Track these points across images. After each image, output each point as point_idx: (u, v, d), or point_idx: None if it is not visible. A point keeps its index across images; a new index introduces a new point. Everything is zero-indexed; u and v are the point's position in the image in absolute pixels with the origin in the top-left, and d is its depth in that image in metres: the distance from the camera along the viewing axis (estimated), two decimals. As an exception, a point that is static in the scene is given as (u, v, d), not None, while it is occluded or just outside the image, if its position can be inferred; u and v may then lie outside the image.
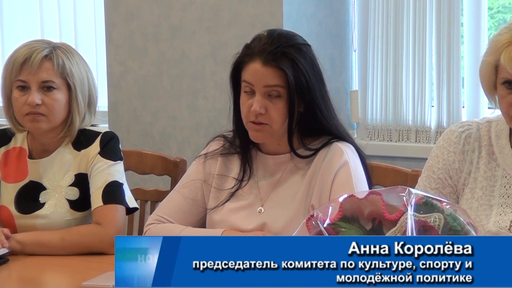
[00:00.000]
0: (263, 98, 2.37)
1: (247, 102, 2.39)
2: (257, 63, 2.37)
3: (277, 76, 2.36)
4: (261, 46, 2.38)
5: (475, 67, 3.53)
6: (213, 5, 3.96)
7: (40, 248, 2.57)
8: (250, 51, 2.39)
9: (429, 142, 3.84)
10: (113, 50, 4.26)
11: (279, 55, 2.36)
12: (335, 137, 2.45)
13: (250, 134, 2.43)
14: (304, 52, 2.40)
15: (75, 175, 2.70)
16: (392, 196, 1.68)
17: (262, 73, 2.36)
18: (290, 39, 2.41)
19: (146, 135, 4.20)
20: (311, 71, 2.40)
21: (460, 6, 3.72)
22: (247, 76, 2.39)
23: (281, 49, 2.37)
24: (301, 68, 2.37)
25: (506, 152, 2.29)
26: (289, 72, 2.35)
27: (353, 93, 4.04)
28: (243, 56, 2.41)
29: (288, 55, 2.37)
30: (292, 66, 2.36)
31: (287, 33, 2.44)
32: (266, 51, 2.36)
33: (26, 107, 2.64)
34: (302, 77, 2.37)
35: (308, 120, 2.42)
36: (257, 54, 2.37)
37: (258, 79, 2.37)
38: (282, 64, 2.35)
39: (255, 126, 2.40)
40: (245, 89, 2.40)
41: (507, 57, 2.14)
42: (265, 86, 2.37)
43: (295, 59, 2.37)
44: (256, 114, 2.37)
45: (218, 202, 2.51)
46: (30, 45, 2.67)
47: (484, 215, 2.25)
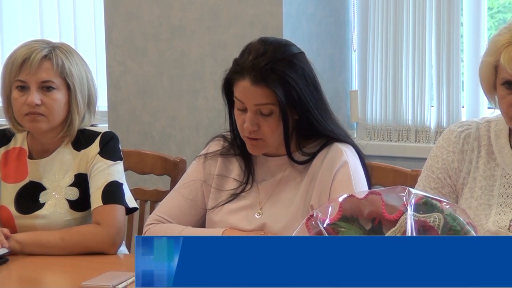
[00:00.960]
0: (255, 116, 2.36)
1: (241, 117, 2.39)
2: (246, 81, 2.34)
3: (267, 95, 2.33)
4: (250, 63, 2.33)
5: (474, 67, 3.52)
6: (213, 5, 3.96)
7: (39, 248, 2.57)
8: (239, 68, 2.35)
9: (429, 142, 3.84)
10: (112, 50, 4.26)
11: (267, 73, 2.32)
12: (333, 138, 2.45)
13: (248, 147, 2.43)
14: (294, 65, 2.36)
15: (74, 175, 2.70)
16: (392, 196, 1.68)
17: (252, 92, 2.33)
18: (281, 52, 2.36)
19: (145, 135, 4.20)
20: (303, 82, 2.36)
21: (460, 6, 3.72)
22: (238, 94, 2.37)
23: (270, 66, 2.32)
24: (292, 83, 2.33)
25: (506, 152, 2.29)
26: (279, 91, 2.32)
27: (353, 93, 4.04)
28: (232, 73, 2.38)
29: (277, 72, 2.32)
30: (282, 83, 2.33)
31: (278, 45, 2.38)
32: (255, 69, 2.32)
33: (25, 107, 2.64)
34: (293, 92, 2.34)
35: (304, 125, 2.42)
36: (246, 72, 2.33)
37: (248, 98, 2.34)
38: (271, 83, 2.32)
39: (250, 141, 2.40)
40: (237, 106, 2.39)
41: (507, 58, 2.14)
42: (256, 105, 2.35)
43: (284, 75, 2.33)
44: (249, 131, 2.37)
45: (217, 202, 2.52)
46: (30, 45, 2.67)
47: (483, 215, 2.25)
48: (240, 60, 2.38)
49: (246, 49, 2.39)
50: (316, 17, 3.94)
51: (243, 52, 2.39)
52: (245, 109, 2.37)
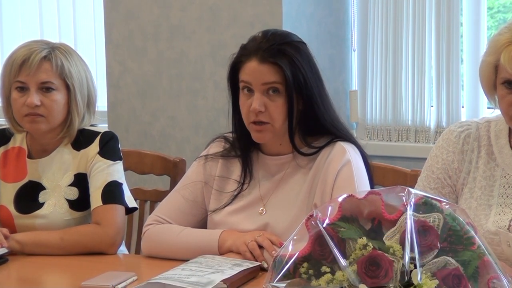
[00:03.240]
0: (262, 96, 2.37)
1: (247, 102, 2.40)
2: (254, 61, 2.37)
3: (274, 72, 2.36)
4: (256, 45, 2.39)
5: (474, 67, 3.52)
6: (213, 5, 3.96)
7: (39, 248, 2.57)
8: (246, 51, 2.40)
9: (429, 142, 3.84)
10: (112, 50, 4.26)
11: (275, 52, 2.37)
12: (337, 136, 2.45)
13: (253, 135, 2.43)
14: (300, 50, 2.41)
15: (74, 175, 2.70)
16: (392, 196, 1.68)
17: (259, 70, 2.37)
18: (285, 37, 2.42)
19: (145, 135, 4.20)
20: (308, 68, 2.40)
21: (459, 6, 3.72)
22: (245, 76, 2.39)
23: (277, 46, 2.38)
24: (298, 64, 2.38)
25: (506, 152, 2.29)
26: (286, 68, 2.36)
27: (353, 93, 4.04)
28: (239, 57, 2.42)
29: (285, 51, 2.37)
30: (289, 62, 2.37)
31: (282, 32, 2.46)
32: (262, 49, 2.37)
33: (25, 108, 2.64)
34: (299, 74, 2.37)
35: (308, 117, 2.42)
36: (253, 53, 2.38)
37: (256, 77, 2.37)
38: (278, 60, 2.36)
39: (256, 127, 2.40)
40: (243, 89, 2.40)
41: (507, 57, 2.14)
42: (263, 84, 2.37)
43: (291, 55, 2.37)
44: (256, 112, 2.37)
45: (219, 204, 2.51)
46: (29, 46, 2.67)
47: (483, 215, 2.25)
48: (247, 45, 2.42)
49: (251, 38, 2.44)
50: (315, 17, 3.94)
51: (249, 40, 2.44)
52: (252, 91, 2.38)
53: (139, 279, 2.25)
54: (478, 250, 1.65)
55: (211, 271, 2.16)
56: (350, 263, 1.61)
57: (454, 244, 1.64)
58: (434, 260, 1.62)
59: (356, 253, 1.62)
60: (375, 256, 1.60)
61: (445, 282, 1.60)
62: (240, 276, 2.19)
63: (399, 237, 1.63)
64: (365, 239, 1.62)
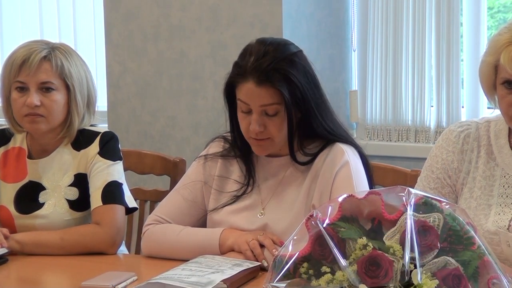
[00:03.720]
0: (260, 117, 2.36)
1: (245, 120, 2.39)
2: (251, 83, 2.33)
3: (272, 94, 2.33)
4: (252, 65, 2.33)
5: (474, 67, 3.52)
6: (213, 5, 3.96)
7: (39, 248, 2.57)
8: (242, 71, 2.35)
9: (429, 142, 3.84)
10: (112, 50, 4.26)
11: (271, 73, 2.32)
12: (333, 140, 2.45)
13: (253, 148, 2.44)
14: (296, 63, 2.36)
15: (74, 175, 2.70)
16: (392, 196, 1.68)
17: (257, 93, 2.33)
18: (281, 51, 2.36)
19: (145, 135, 4.20)
20: (305, 80, 2.37)
21: (459, 6, 3.72)
22: (242, 96, 2.36)
23: (273, 66, 2.33)
24: (295, 81, 2.34)
25: (505, 152, 2.29)
26: (284, 90, 2.32)
27: (353, 93, 4.04)
28: (234, 76, 2.38)
29: (281, 71, 2.33)
30: (286, 82, 2.33)
31: (278, 44, 2.38)
32: (258, 70, 2.32)
33: (25, 108, 2.64)
34: (297, 91, 2.34)
35: (305, 125, 2.42)
36: (249, 74, 2.33)
37: (254, 100, 2.34)
38: (276, 82, 2.32)
39: (257, 142, 2.40)
40: (241, 108, 2.39)
41: (507, 57, 2.14)
42: (261, 106, 2.35)
43: (288, 74, 2.33)
44: (256, 132, 2.37)
45: (218, 204, 2.51)
46: (29, 46, 2.67)
47: (482, 215, 2.25)
48: (242, 62, 2.37)
49: (246, 51, 2.39)
50: (315, 17, 3.94)
51: (243, 54, 2.39)
52: (250, 111, 2.37)
53: (139, 279, 2.25)
54: (478, 250, 1.65)
55: (211, 271, 2.16)
56: (350, 263, 1.61)
57: (454, 244, 1.64)
58: (434, 260, 1.62)
59: (356, 253, 1.62)
60: (375, 256, 1.60)
61: (445, 282, 1.60)
62: (240, 276, 2.19)
63: (399, 237, 1.63)
64: (365, 239, 1.62)
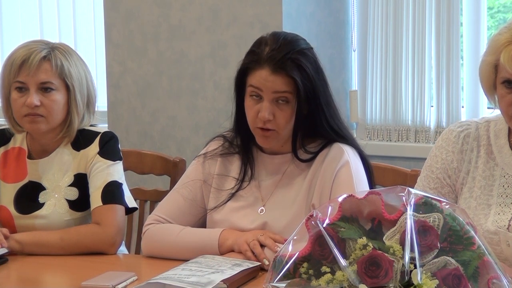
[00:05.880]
0: (271, 105, 2.38)
1: (254, 107, 2.40)
2: (266, 70, 2.37)
3: (286, 82, 2.37)
4: (268, 53, 2.38)
5: (474, 67, 3.53)
6: (212, 5, 3.96)
7: (39, 248, 2.57)
8: (257, 58, 2.39)
9: (429, 142, 3.84)
10: (112, 50, 4.26)
11: (287, 62, 2.36)
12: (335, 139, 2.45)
13: (258, 139, 2.44)
14: (309, 57, 2.41)
15: (74, 175, 2.70)
16: (392, 196, 1.68)
17: (271, 80, 2.37)
18: (296, 44, 2.41)
19: (145, 135, 4.20)
20: (316, 75, 2.41)
21: (459, 6, 3.72)
22: (255, 82, 2.39)
23: (289, 56, 2.37)
24: (308, 73, 2.38)
25: (505, 151, 2.29)
26: (298, 79, 2.36)
27: (353, 93, 4.04)
28: (249, 62, 2.41)
29: (296, 61, 2.37)
30: (300, 72, 2.37)
31: (292, 38, 2.44)
32: (275, 59, 2.36)
33: (25, 108, 2.64)
34: (309, 83, 2.38)
35: (311, 122, 2.43)
36: (266, 62, 2.37)
37: (267, 86, 2.37)
38: (291, 71, 2.36)
39: (262, 132, 2.41)
40: (251, 94, 2.40)
41: (507, 57, 2.14)
42: (274, 92, 2.37)
43: (302, 65, 2.38)
44: (264, 120, 2.38)
45: (218, 202, 2.52)
46: (29, 46, 2.67)
47: (482, 215, 2.25)
48: (257, 50, 2.41)
49: (261, 41, 2.42)
50: (315, 17, 3.94)
51: (258, 43, 2.42)
52: (260, 97, 2.38)
53: (139, 279, 2.25)
54: (478, 250, 1.65)
55: (211, 271, 2.16)
56: (350, 263, 1.61)
57: (454, 244, 1.65)
58: (434, 260, 1.62)
59: (356, 253, 1.62)
60: (375, 256, 1.60)
61: (445, 282, 1.60)
62: (240, 276, 2.19)
63: (399, 237, 1.63)
64: (365, 239, 1.62)
